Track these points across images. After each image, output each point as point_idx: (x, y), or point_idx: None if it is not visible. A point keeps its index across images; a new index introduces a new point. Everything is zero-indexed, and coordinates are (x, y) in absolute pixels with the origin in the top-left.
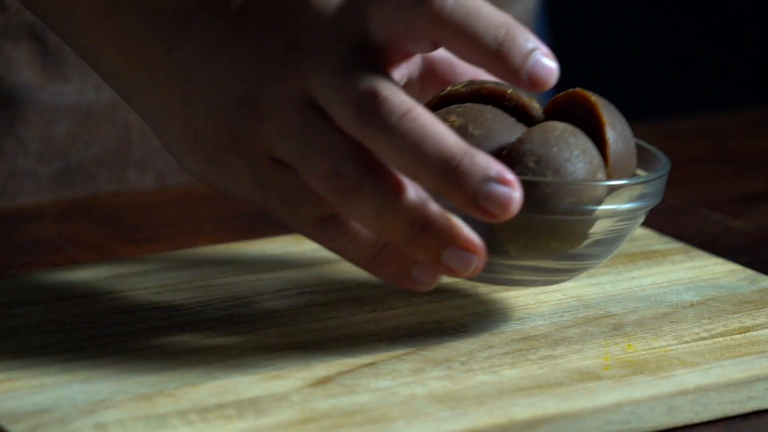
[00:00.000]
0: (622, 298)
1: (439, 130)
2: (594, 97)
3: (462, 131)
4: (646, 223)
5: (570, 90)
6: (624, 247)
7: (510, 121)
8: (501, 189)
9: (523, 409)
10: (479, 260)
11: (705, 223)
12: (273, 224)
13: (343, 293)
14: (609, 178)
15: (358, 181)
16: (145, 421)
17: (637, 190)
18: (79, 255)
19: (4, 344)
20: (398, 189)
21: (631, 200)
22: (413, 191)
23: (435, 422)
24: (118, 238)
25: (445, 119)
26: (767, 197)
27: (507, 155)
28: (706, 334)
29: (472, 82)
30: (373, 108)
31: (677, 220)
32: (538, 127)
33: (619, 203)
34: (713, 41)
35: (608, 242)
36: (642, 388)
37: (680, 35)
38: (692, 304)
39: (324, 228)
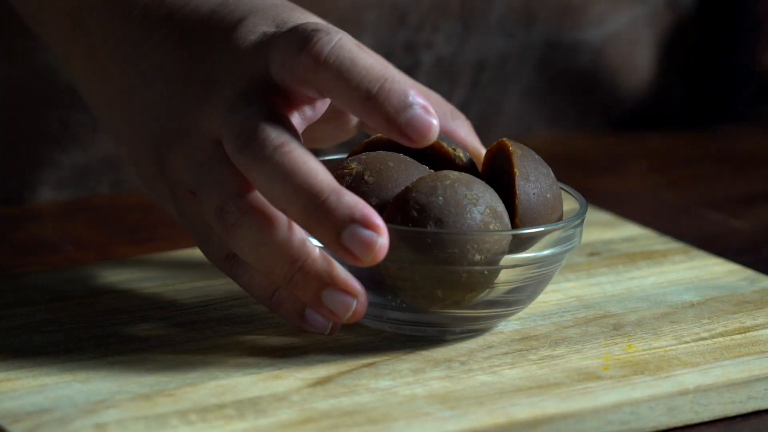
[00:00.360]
0: (622, 298)
1: (309, 167)
2: (513, 148)
3: (358, 178)
4: (646, 223)
5: (500, 140)
6: (624, 247)
7: (419, 169)
8: (364, 232)
9: (523, 409)
10: (359, 304)
11: (705, 223)
12: None
13: None
14: (518, 228)
15: (239, 216)
16: (145, 421)
17: (554, 236)
18: (79, 255)
19: (4, 344)
20: (275, 226)
21: (545, 248)
22: (292, 230)
23: (435, 422)
24: (118, 238)
25: (345, 166)
26: (767, 197)
27: (393, 203)
28: (706, 334)
29: None
30: (250, 138)
31: (677, 220)
32: (429, 176)
33: (536, 251)
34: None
35: (529, 288)
36: (642, 388)
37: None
38: (692, 304)
39: (229, 265)
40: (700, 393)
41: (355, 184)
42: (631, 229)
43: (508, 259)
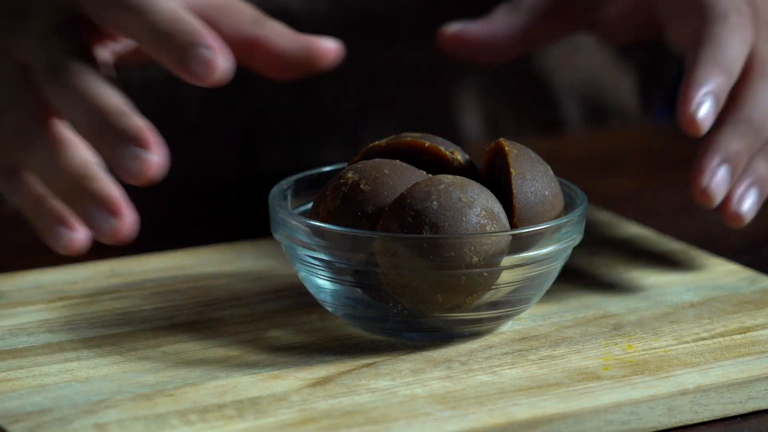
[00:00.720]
0: (622, 298)
1: (104, 92)
2: (509, 147)
3: (354, 187)
4: (646, 223)
5: (497, 140)
6: (624, 247)
7: (415, 175)
8: (136, 149)
9: (523, 409)
10: (121, 224)
11: (705, 223)
12: None
13: None
14: (516, 228)
15: (35, 136)
16: (145, 421)
17: (555, 233)
18: (79, 255)
19: (4, 344)
20: (67, 147)
21: (547, 245)
22: (80, 151)
23: (435, 422)
24: None
25: (342, 176)
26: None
27: (388, 210)
28: (706, 334)
29: (395, 137)
30: (57, 69)
31: (677, 220)
32: (424, 181)
33: (535, 250)
34: None
35: (533, 287)
36: (642, 388)
37: None
38: (692, 304)
39: (7, 179)
40: (700, 393)
41: (352, 194)
42: (631, 229)
43: (507, 259)
